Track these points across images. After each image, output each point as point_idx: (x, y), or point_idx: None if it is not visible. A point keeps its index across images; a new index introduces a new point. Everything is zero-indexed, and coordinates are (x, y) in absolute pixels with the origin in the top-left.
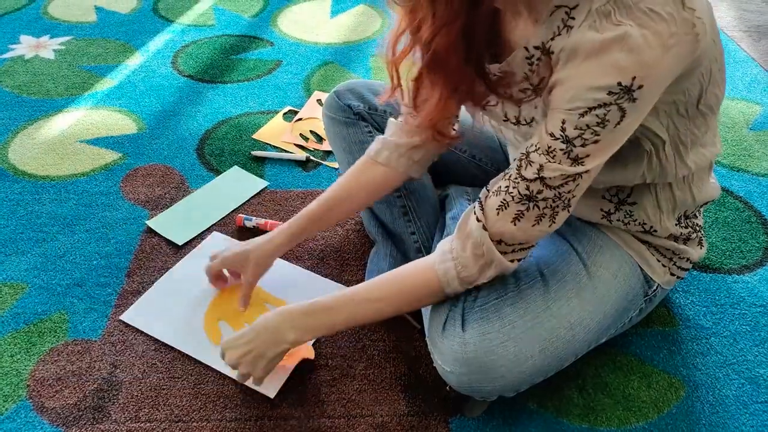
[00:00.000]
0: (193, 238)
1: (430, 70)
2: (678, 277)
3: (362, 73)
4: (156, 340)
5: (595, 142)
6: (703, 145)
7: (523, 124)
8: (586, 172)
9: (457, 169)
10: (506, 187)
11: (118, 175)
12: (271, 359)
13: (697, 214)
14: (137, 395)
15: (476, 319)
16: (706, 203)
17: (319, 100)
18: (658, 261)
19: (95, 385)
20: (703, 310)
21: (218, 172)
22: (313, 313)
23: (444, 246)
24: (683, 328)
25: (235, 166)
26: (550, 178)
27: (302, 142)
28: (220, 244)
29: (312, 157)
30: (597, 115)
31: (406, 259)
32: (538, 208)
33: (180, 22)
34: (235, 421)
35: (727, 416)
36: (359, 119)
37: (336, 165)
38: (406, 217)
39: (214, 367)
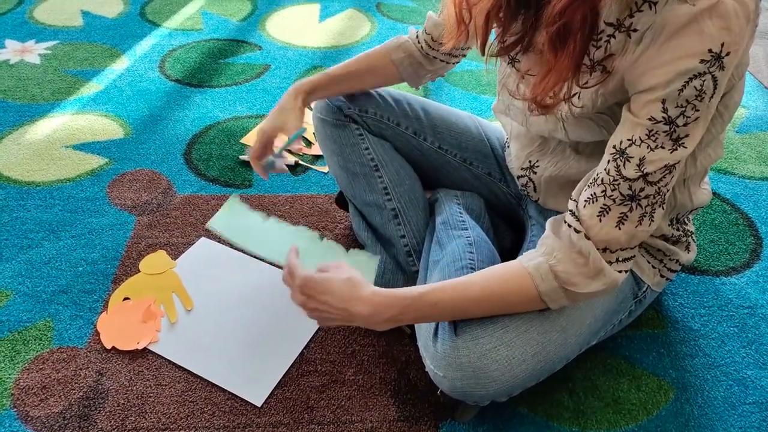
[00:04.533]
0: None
1: (553, 45)
2: (667, 279)
3: None
4: (141, 351)
5: (696, 119)
6: (711, 146)
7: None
8: (678, 162)
9: (448, 172)
10: (603, 191)
11: (105, 181)
12: (335, 324)
13: (687, 220)
14: (123, 403)
15: (468, 324)
16: (698, 208)
17: None
18: (648, 262)
19: (81, 393)
20: (691, 312)
21: (205, 177)
22: (417, 307)
23: (531, 253)
24: (672, 330)
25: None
26: (652, 172)
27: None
28: (208, 249)
29: (300, 161)
30: (695, 87)
31: (396, 262)
32: (641, 207)
33: (167, 26)
34: (223, 429)
35: (716, 418)
36: (350, 121)
37: (326, 169)
38: (396, 221)
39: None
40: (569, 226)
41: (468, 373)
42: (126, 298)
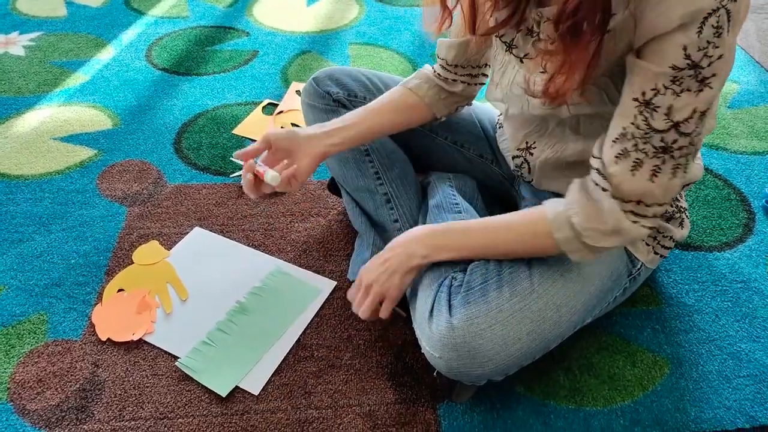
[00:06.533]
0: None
1: (566, 40)
2: (661, 256)
3: (340, 62)
4: (137, 342)
5: (720, 56)
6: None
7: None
8: (708, 108)
9: (439, 155)
10: (634, 146)
11: (94, 172)
12: (405, 274)
13: (679, 197)
14: (121, 394)
15: (463, 304)
16: (689, 183)
17: (298, 90)
18: (642, 240)
19: (77, 385)
20: (685, 288)
21: (196, 166)
22: (447, 233)
23: (557, 203)
24: (666, 306)
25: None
26: (683, 121)
27: None
28: (202, 239)
29: None
30: (712, 25)
31: None
32: (674, 158)
33: (153, 14)
34: (221, 416)
35: (711, 391)
36: (339, 106)
37: None
38: (389, 205)
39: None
40: (596, 185)
41: (464, 353)
42: (120, 290)
